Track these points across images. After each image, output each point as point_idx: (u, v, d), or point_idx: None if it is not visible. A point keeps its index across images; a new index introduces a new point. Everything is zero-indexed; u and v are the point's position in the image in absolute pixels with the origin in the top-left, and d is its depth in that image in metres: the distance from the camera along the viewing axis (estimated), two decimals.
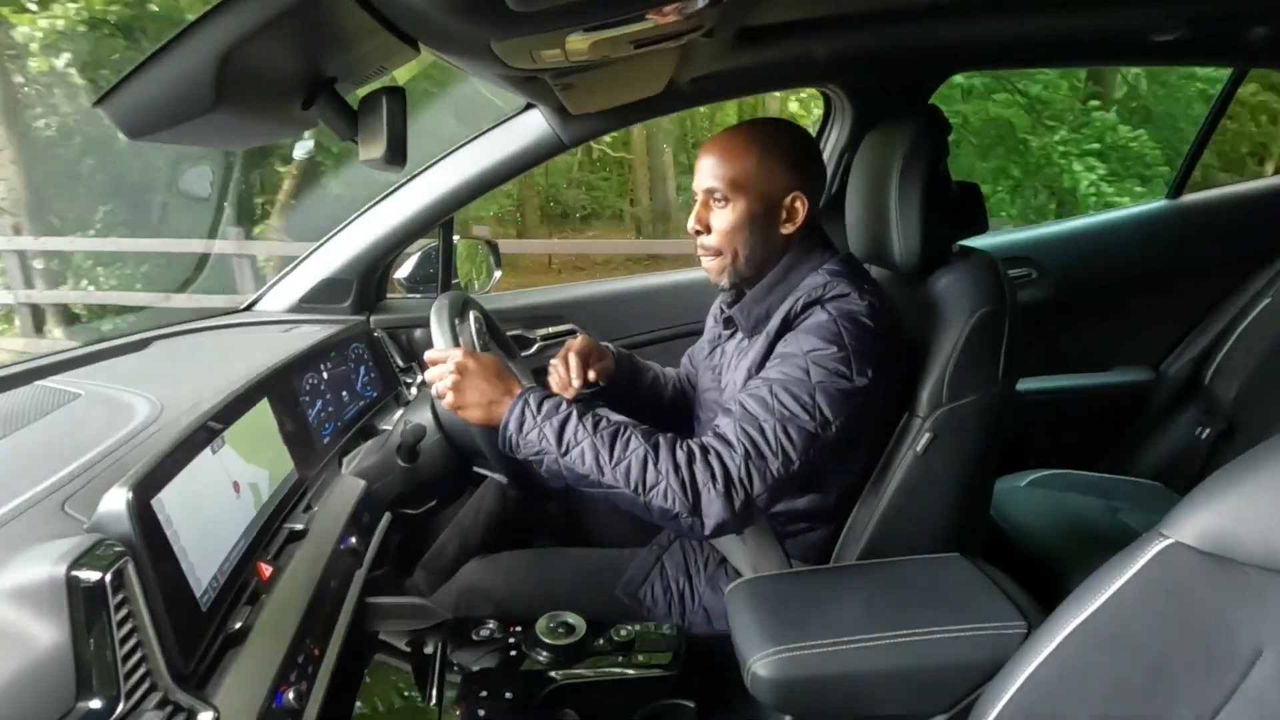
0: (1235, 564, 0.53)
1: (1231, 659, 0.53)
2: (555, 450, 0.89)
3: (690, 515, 0.86)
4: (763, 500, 0.87)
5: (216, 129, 0.81)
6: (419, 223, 1.54)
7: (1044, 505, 1.51)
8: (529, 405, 0.91)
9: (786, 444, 0.87)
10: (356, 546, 1.06)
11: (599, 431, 0.89)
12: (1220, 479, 0.56)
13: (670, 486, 0.85)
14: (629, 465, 0.87)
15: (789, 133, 1.04)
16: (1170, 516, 0.57)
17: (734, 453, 0.87)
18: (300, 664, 0.80)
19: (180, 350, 1.34)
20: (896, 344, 1.01)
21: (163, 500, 0.70)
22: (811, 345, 0.91)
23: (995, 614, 0.87)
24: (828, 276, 0.98)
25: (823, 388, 0.89)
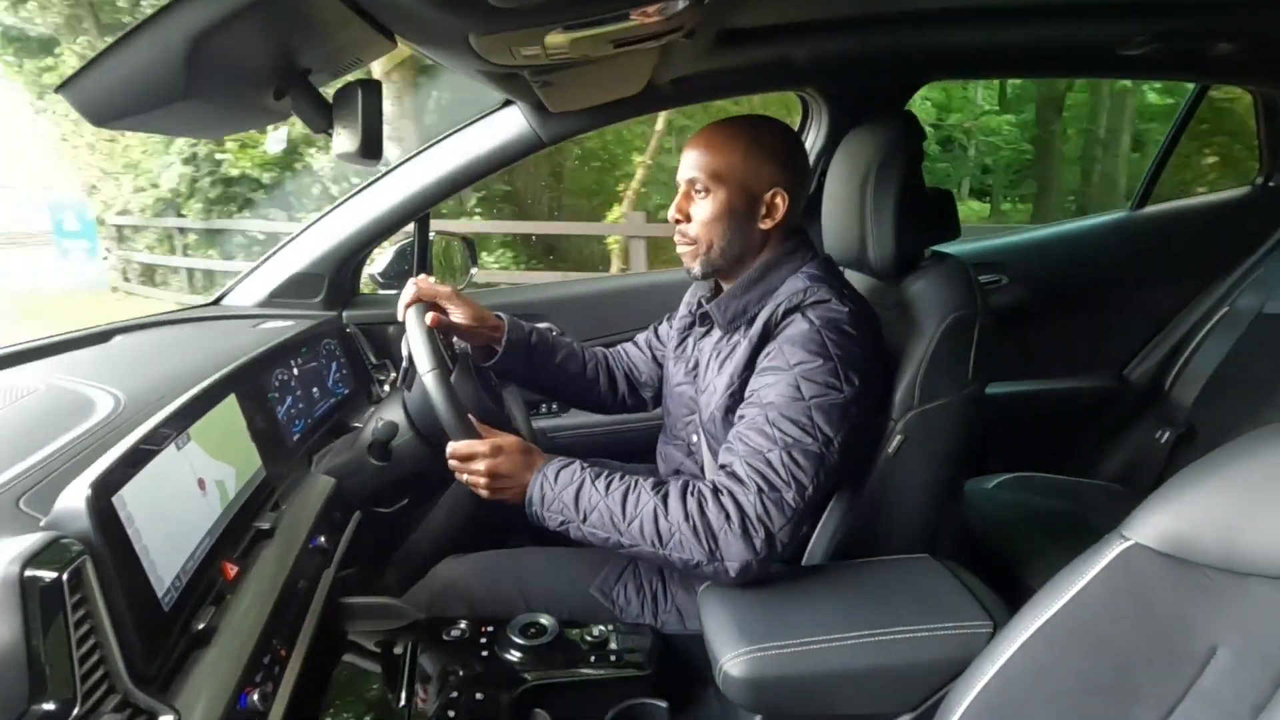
0: (1192, 564, 0.55)
1: (1188, 656, 0.55)
2: (576, 519, 0.90)
3: (710, 562, 0.85)
4: (785, 534, 0.87)
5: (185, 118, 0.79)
6: (394, 218, 1.52)
7: (1011, 507, 1.55)
8: (547, 479, 0.93)
9: (796, 471, 0.87)
10: (326, 545, 1.04)
11: (610, 493, 0.89)
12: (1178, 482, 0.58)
13: (684, 537, 0.85)
14: (641, 523, 0.87)
15: (775, 129, 1.04)
16: (1131, 519, 0.59)
17: (746, 490, 0.86)
18: (266, 665, 0.78)
19: (144, 344, 1.30)
20: (878, 347, 1.02)
21: (124, 497, 0.68)
22: (798, 359, 0.91)
23: (962, 614, 0.89)
24: (808, 281, 0.98)
25: (817, 405, 0.89)
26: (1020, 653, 0.62)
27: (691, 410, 1.11)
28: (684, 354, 1.18)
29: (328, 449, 1.27)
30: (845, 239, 1.11)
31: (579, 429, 1.67)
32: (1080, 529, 1.48)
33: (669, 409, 1.20)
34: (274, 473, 1.05)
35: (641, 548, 0.87)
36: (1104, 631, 0.59)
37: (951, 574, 0.97)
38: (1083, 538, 0.65)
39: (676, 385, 1.17)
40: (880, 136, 1.03)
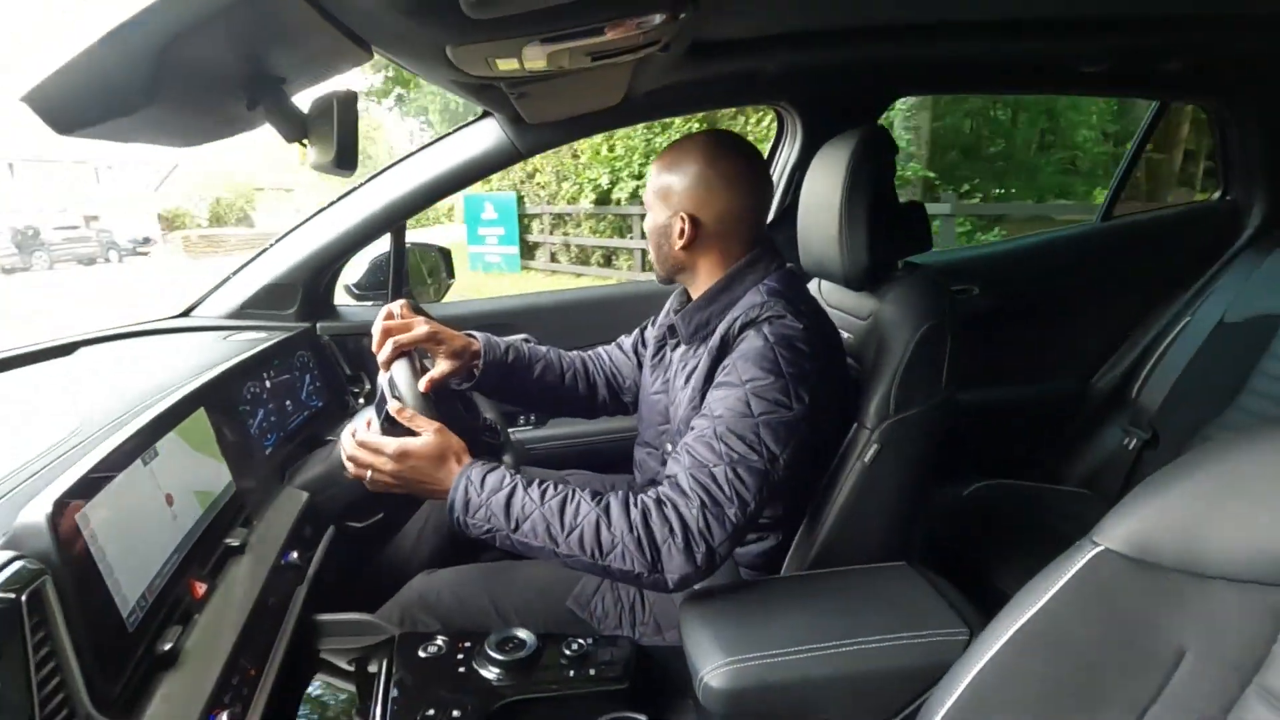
0: (1160, 568, 0.56)
1: (1157, 659, 0.56)
2: (506, 527, 0.87)
3: (651, 573, 0.85)
4: (724, 549, 0.87)
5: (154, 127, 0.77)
6: (370, 228, 1.50)
7: (983, 514, 1.57)
8: (472, 483, 0.89)
9: (740, 487, 0.87)
10: (298, 561, 1.02)
11: (546, 502, 0.87)
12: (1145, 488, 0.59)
13: (627, 548, 0.84)
14: (581, 533, 0.85)
15: (695, 151, 1.03)
16: (1101, 524, 0.60)
17: (689, 503, 0.86)
18: (235, 685, 0.76)
19: (108, 357, 1.27)
20: (835, 360, 1.03)
21: (87, 514, 0.66)
22: (750, 375, 0.92)
23: (939, 621, 0.90)
24: (765, 295, 0.99)
25: (765, 421, 0.90)
26: (996, 659, 0.62)
27: (666, 419, 1.11)
28: (660, 363, 1.18)
29: (301, 463, 1.25)
30: (820, 250, 1.12)
31: (556, 440, 1.66)
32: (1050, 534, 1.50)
33: (643, 415, 1.20)
34: (245, 487, 1.03)
35: (578, 558, 0.86)
36: (1077, 636, 0.60)
37: (927, 582, 0.98)
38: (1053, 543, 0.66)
39: (652, 393, 1.17)
40: (853, 150, 1.05)
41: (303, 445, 1.30)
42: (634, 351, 1.34)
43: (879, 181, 1.08)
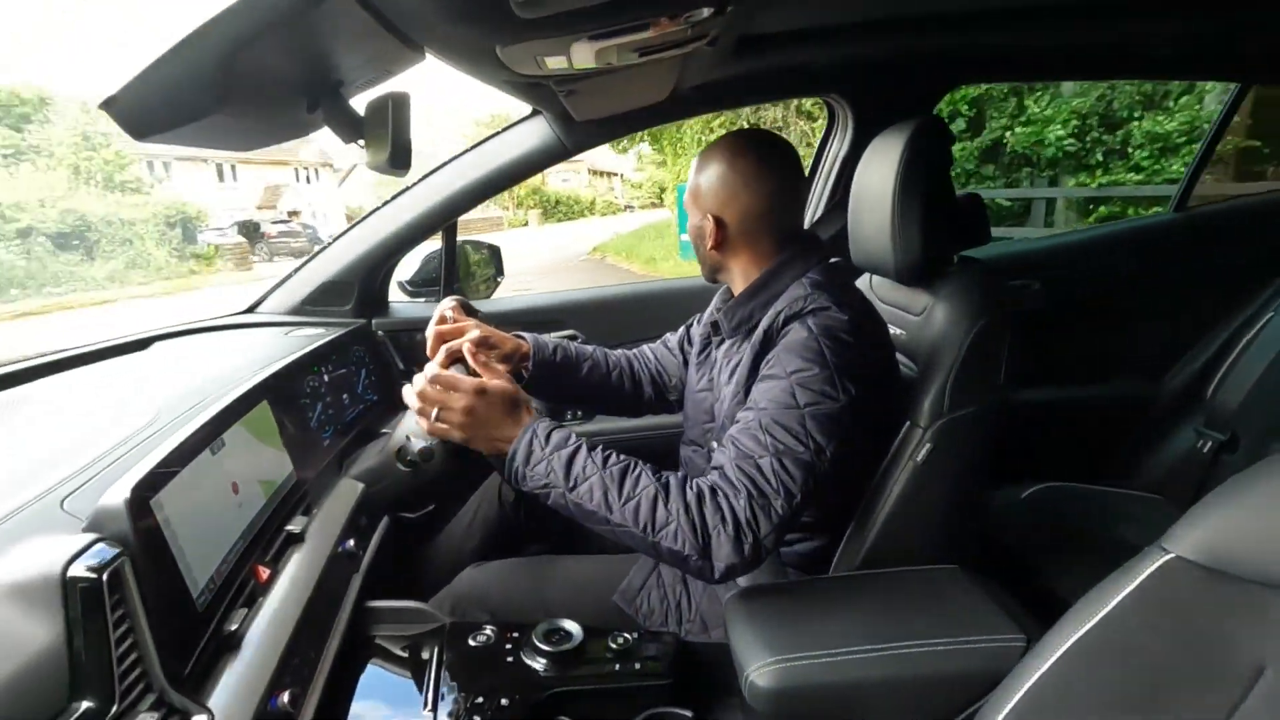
0: (1236, 579, 0.53)
1: (1232, 675, 0.53)
2: (563, 485, 0.87)
3: (700, 559, 0.85)
4: (770, 540, 0.86)
5: (220, 131, 0.81)
6: (423, 226, 1.54)
7: (1042, 518, 1.51)
8: (537, 437, 0.89)
9: (786, 479, 0.86)
10: (354, 550, 1.06)
11: (608, 467, 0.87)
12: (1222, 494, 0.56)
13: (681, 528, 0.84)
14: (639, 504, 0.85)
15: (718, 153, 1.04)
16: (1171, 531, 0.57)
17: (737, 494, 0.86)
18: (296, 667, 0.79)
19: (181, 351, 1.34)
20: (883, 353, 1.01)
21: (161, 500, 0.70)
22: (795, 366, 0.91)
23: (994, 627, 0.87)
24: (809, 289, 0.97)
25: (811, 413, 0.89)
26: (1055, 668, 0.60)
27: (711, 417, 1.11)
28: (705, 360, 1.17)
29: (357, 454, 1.29)
30: (872, 244, 1.09)
31: (602, 435, 1.67)
32: (1115, 541, 1.44)
33: (688, 413, 1.20)
34: (305, 477, 1.07)
35: (630, 530, 0.85)
36: (1142, 648, 0.57)
37: (981, 586, 0.95)
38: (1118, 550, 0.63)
39: (697, 391, 1.17)
40: (907, 140, 1.02)
41: (359, 438, 1.34)
42: (680, 349, 1.34)
43: (934, 173, 1.05)
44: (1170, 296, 1.90)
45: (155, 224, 11.04)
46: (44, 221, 9.74)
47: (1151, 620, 0.57)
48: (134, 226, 10.91)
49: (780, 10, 1.20)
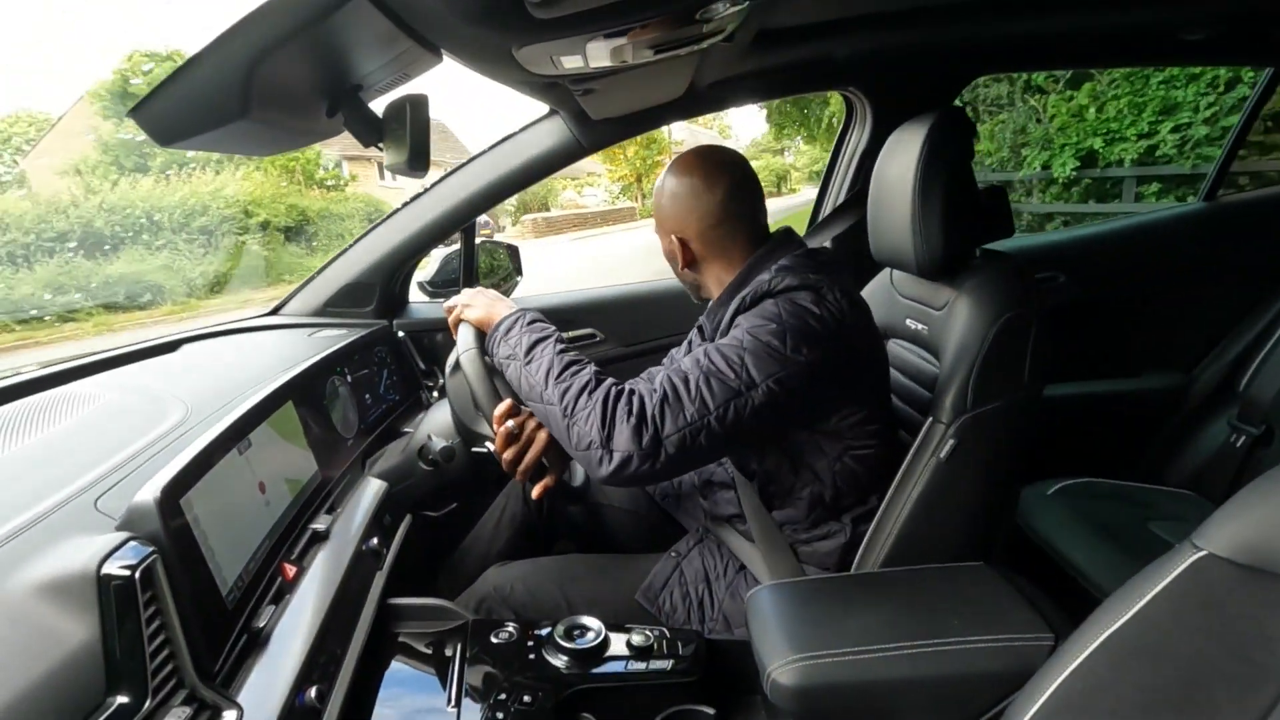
0: (1273, 577, 0.52)
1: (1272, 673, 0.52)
2: (522, 358, 0.96)
3: (601, 447, 0.87)
4: (671, 442, 0.87)
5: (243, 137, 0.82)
6: (441, 227, 1.55)
7: (1072, 514, 1.48)
8: (523, 317, 1.01)
9: (706, 394, 0.88)
10: (378, 548, 1.07)
11: (562, 354, 0.95)
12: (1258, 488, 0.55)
13: (593, 414, 0.88)
14: (569, 387, 0.91)
15: (672, 176, 1.08)
16: (1204, 527, 0.56)
17: (654, 393, 0.89)
18: (322, 664, 0.81)
19: (209, 352, 1.37)
20: (859, 334, 0.99)
21: (191, 500, 0.71)
22: (751, 323, 0.94)
23: (1021, 625, 0.86)
24: (774, 273, 0.99)
25: (752, 351, 0.90)
26: (1084, 666, 0.59)
27: None
28: None
29: (380, 453, 1.31)
30: (893, 238, 1.08)
31: None
32: (1147, 537, 1.41)
33: None
34: (329, 476, 1.09)
35: (554, 409, 0.91)
36: (1174, 645, 0.56)
37: (1008, 583, 0.94)
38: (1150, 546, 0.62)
39: None
40: (928, 133, 1.01)
41: (381, 437, 1.36)
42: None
43: (956, 166, 1.03)
44: (1200, 288, 1.85)
45: (359, 219, 12.03)
46: (276, 216, 10.76)
47: (1184, 618, 0.55)
48: (344, 222, 11.92)
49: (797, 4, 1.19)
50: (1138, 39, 1.63)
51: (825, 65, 1.54)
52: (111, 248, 8.83)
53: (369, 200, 13.85)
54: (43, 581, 0.59)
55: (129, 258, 8.66)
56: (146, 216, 9.24)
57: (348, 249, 1.61)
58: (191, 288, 8.60)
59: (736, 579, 1.10)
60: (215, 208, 9.76)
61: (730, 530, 1.15)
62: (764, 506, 1.09)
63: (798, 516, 1.06)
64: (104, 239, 8.85)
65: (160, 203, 9.35)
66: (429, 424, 1.25)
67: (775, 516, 1.08)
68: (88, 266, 8.26)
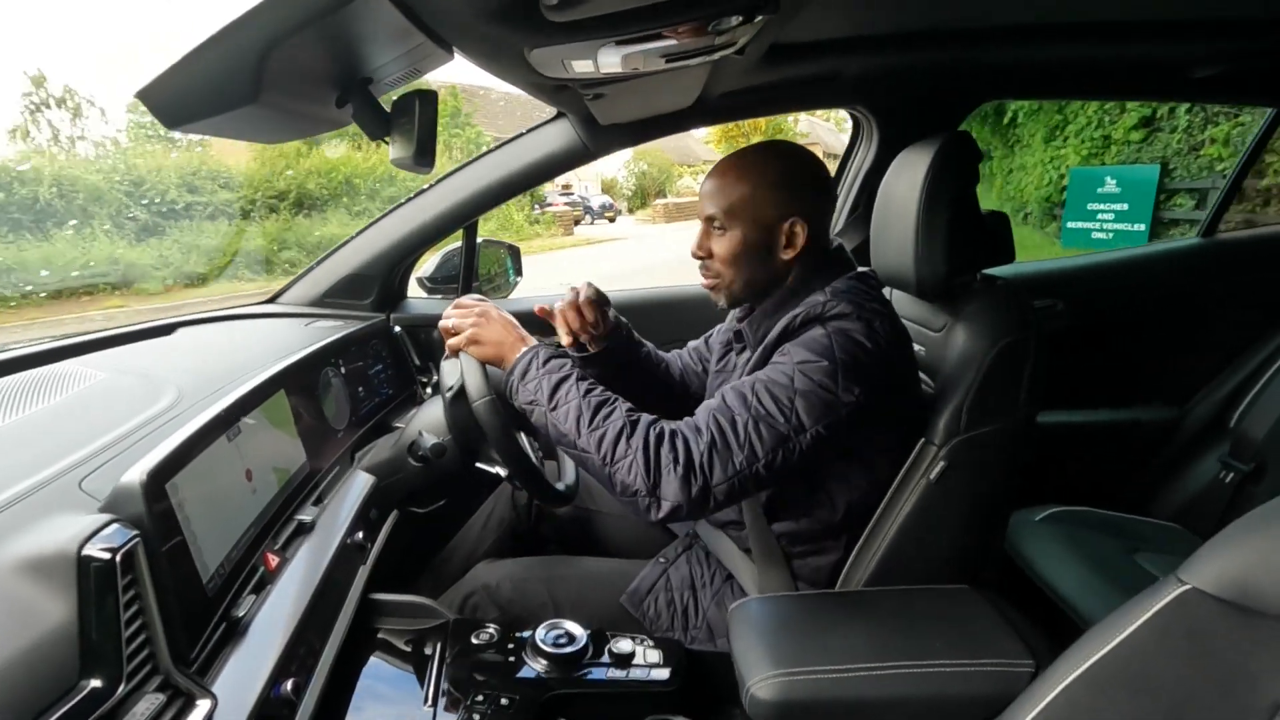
0: (1258, 614, 0.52)
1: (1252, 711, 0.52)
2: (546, 404, 0.92)
3: (648, 495, 0.86)
4: (720, 491, 0.86)
5: (252, 123, 0.82)
6: (444, 224, 1.55)
7: (1059, 541, 1.48)
8: (537, 357, 0.96)
9: (755, 440, 0.87)
10: (363, 542, 1.06)
11: (588, 396, 0.91)
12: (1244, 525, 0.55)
13: (636, 463, 0.86)
14: (604, 434, 0.88)
15: (786, 157, 1.02)
16: (1190, 562, 0.56)
17: (700, 439, 0.87)
18: (300, 656, 0.80)
19: (204, 338, 1.36)
20: (903, 367, 0.99)
21: (177, 484, 0.71)
22: (802, 356, 0.91)
23: (1003, 650, 0.86)
24: (829, 296, 0.97)
25: (803, 395, 0.88)
26: (1064, 695, 0.59)
27: None
28: (724, 369, 1.17)
29: (370, 447, 1.30)
30: (894, 259, 1.09)
31: None
32: (1133, 568, 1.41)
33: None
34: (318, 467, 1.08)
35: (591, 456, 0.88)
36: (1156, 678, 0.56)
37: (993, 607, 0.93)
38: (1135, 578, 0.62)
39: None
40: (934, 156, 1.01)
41: (372, 431, 1.35)
42: (698, 357, 1.34)
43: (961, 190, 1.04)
44: (1195, 323, 1.86)
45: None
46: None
47: (1166, 652, 0.55)
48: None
49: (810, 20, 1.20)
50: (1146, 73, 1.65)
51: (834, 82, 1.54)
52: (319, 209, 9.49)
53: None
54: (22, 560, 0.59)
55: (335, 220, 9.30)
56: (346, 181, 9.80)
57: (350, 240, 1.61)
58: None
59: (723, 588, 1.10)
60: (401, 178, 10.18)
61: (723, 536, 1.14)
62: (765, 517, 1.08)
63: (799, 531, 1.06)
64: (314, 200, 9.46)
65: (357, 169, 9.89)
66: (421, 420, 1.25)
67: (775, 528, 1.08)
68: (305, 225, 8.92)
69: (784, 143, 1.05)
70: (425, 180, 1.57)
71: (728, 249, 1.02)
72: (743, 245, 1.02)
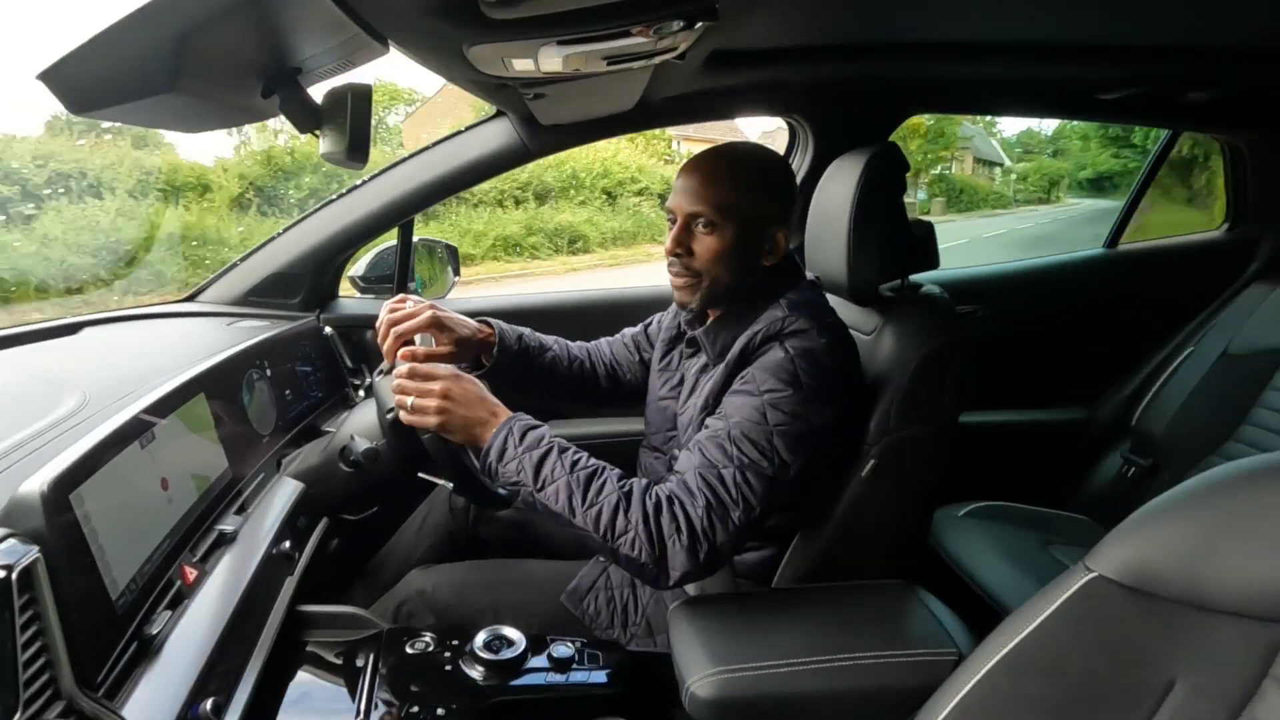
0: (1153, 597, 0.56)
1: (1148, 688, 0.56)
2: (532, 484, 0.88)
3: (655, 566, 0.86)
4: (726, 549, 0.88)
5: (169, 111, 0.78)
6: (378, 221, 1.51)
7: (980, 535, 1.56)
8: (512, 434, 0.90)
9: (747, 491, 0.87)
10: (290, 551, 1.02)
11: (575, 471, 0.88)
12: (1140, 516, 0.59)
13: (638, 536, 0.85)
14: (600, 510, 0.86)
15: (775, 162, 1.03)
16: (1095, 551, 0.60)
17: (695, 502, 0.87)
18: (221, 674, 0.76)
19: (114, 338, 1.28)
20: (855, 376, 1.02)
21: (83, 495, 0.66)
22: (769, 385, 0.91)
23: (929, 640, 0.89)
24: (786, 310, 0.97)
25: (780, 431, 0.89)
26: (983, 681, 0.62)
27: (674, 426, 1.11)
28: (668, 368, 1.17)
29: (298, 452, 1.25)
30: (828, 264, 1.12)
31: None
32: (1046, 559, 1.50)
33: (650, 420, 1.20)
34: (241, 474, 1.03)
35: (589, 534, 0.86)
36: (1066, 662, 0.59)
37: (920, 600, 0.97)
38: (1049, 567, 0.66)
39: (660, 400, 1.17)
40: (865, 166, 1.05)
41: (300, 435, 1.30)
42: (636, 348, 1.32)
43: (890, 198, 1.08)
44: (1103, 328, 2.00)
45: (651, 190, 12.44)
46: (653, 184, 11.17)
47: (1075, 636, 0.59)
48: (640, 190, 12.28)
49: (749, 29, 1.23)
50: (1060, 92, 1.76)
51: (772, 90, 1.58)
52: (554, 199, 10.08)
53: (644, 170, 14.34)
54: None
55: (566, 210, 9.90)
56: (573, 174, 10.36)
57: (275, 237, 1.54)
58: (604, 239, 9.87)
59: None
60: (614, 173, 10.72)
61: None
62: None
63: None
64: (550, 191, 10.12)
65: (579, 163, 10.31)
66: (353, 424, 1.21)
67: None
68: (546, 213, 9.74)
69: (768, 149, 1.05)
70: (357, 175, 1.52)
71: (715, 249, 0.98)
72: (732, 246, 0.98)
